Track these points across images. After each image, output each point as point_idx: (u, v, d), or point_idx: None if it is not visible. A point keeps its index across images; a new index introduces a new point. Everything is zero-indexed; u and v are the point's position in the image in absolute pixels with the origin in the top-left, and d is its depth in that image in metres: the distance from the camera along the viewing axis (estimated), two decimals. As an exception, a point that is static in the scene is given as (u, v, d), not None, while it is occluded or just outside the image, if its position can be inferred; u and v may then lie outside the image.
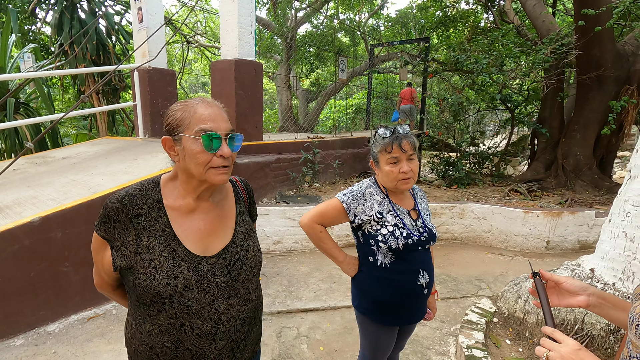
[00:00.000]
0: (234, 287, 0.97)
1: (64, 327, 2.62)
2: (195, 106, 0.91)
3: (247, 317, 1.00)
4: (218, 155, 0.89)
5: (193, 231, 0.95)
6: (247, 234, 1.06)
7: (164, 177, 0.99)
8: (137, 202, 0.91)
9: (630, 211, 2.18)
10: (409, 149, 1.39)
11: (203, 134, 0.87)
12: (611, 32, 5.13)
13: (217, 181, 0.91)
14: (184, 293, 0.89)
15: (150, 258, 0.88)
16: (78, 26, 5.25)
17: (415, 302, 1.47)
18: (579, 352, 0.70)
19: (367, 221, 1.44)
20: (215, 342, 0.94)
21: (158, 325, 0.91)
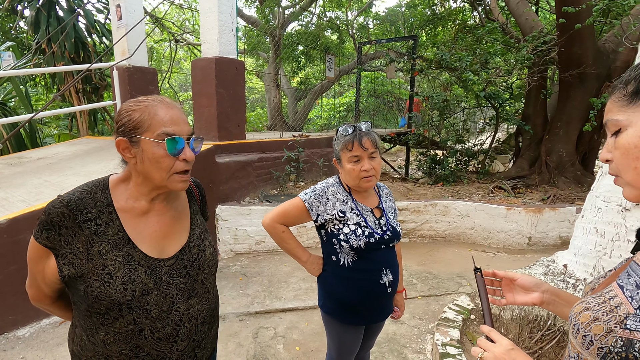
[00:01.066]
0: (193, 287, 0.97)
1: (35, 331, 2.56)
2: (155, 107, 0.87)
3: (207, 315, 1.01)
4: (181, 160, 0.88)
5: (148, 233, 0.92)
6: (203, 233, 1.05)
7: (113, 179, 0.94)
8: (86, 206, 0.86)
9: (601, 207, 2.19)
10: (370, 146, 1.37)
11: (167, 139, 0.84)
12: (592, 29, 5.18)
13: (178, 188, 0.90)
14: (143, 297, 0.87)
15: (104, 264, 0.84)
16: (55, 23, 5.13)
17: (379, 301, 1.46)
18: (511, 352, 0.70)
19: (330, 220, 1.42)
20: (177, 344, 0.93)
21: (114, 333, 0.87)
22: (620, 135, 0.59)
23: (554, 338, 2.14)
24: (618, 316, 0.54)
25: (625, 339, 0.51)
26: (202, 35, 4.45)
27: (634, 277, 0.58)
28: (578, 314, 0.62)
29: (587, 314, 0.60)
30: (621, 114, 0.59)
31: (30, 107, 5.27)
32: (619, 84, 0.61)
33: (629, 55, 5.35)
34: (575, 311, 0.65)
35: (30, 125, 5.31)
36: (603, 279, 0.76)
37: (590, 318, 0.59)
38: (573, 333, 0.63)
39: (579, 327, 0.60)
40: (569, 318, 0.68)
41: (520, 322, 2.33)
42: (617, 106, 0.60)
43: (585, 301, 0.64)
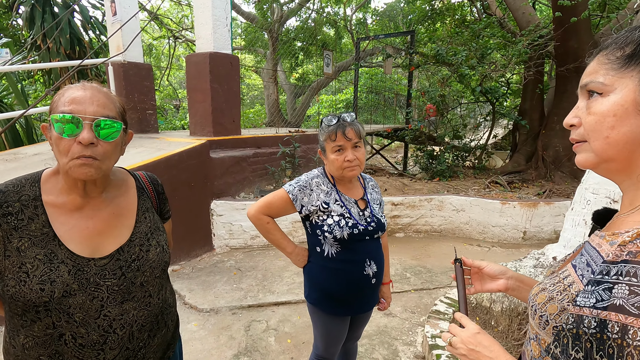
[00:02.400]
0: (129, 291, 0.89)
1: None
2: (68, 89, 0.82)
3: (146, 322, 0.92)
4: (77, 142, 0.79)
5: (79, 230, 0.86)
6: (151, 232, 0.97)
7: (47, 172, 0.89)
8: (7, 199, 0.81)
9: (590, 199, 2.20)
10: (353, 136, 1.37)
11: (52, 116, 0.78)
12: (588, 23, 5.17)
13: (78, 174, 0.80)
14: (63, 299, 0.80)
15: (21, 262, 0.78)
16: (50, 19, 5.12)
17: (363, 291, 1.47)
18: (477, 336, 0.72)
19: (314, 211, 1.42)
20: (104, 352, 0.85)
21: (33, 337, 0.82)
22: (599, 99, 0.54)
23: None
24: (570, 294, 0.55)
25: (575, 315, 0.52)
26: (196, 31, 4.44)
27: (586, 256, 0.59)
28: (535, 295, 0.63)
29: (543, 295, 0.61)
30: (608, 77, 0.54)
31: (26, 103, 5.27)
32: (613, 43, 0.55)
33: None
34: (533, 293, 0.65)
35: (27, 122, 5.31)
36: (562, 262, 0.77)
37: (546, 298, 0.60)
38: (531, 314, 0.63)
39: (536, 307, 0.61)
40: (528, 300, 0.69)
41: (510, 314, 2.34)
42: (605, 68, 0.55)
43: (543, 282, 0.65)
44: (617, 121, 0.52)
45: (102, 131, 0.81)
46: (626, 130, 0.52)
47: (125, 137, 0.93)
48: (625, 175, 0.57)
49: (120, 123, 0.86)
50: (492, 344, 0.70)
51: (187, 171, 3.66)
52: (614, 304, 0.48)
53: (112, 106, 0.85)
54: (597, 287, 0.52)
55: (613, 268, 0.51)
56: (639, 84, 0.51)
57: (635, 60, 0.52)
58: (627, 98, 0.51)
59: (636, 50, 0.52)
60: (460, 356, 0.74)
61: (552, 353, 0.58)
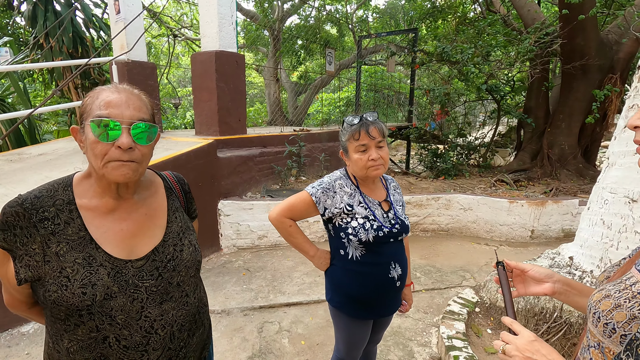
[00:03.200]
0: (167, 291, 0.88)
1: (39, 327, 2.55)
2: (101, 91, 0.81)
3: (185, 321, 0.92)
4: (116, 147, 0.78)
5: (114, 233, 0.85)
6: (182, 232, 0.97)
7: (78, 176, 0.89)
8: (43, 205, 0.81)
9: (607, 198, 2.18)
10: (377, 135, 1.35)
11: (91, 120, 0.77)
12: (595, 20, 5.14)
13: (115, 177, 0.80)
14: (105, 302, 0.80)
15: (62, 266, 0.78)
16: (53, 18, 5.06)
17: (387, 294, 1.44)
18: (534, 344, 0.69)
19: (337, 214, 1.40)
20: (147, 353, 0.85)
21: (77, 340, 0.81)
22: None
23: (560, 330, 2.13)
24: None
25: None
26: (202, 29, 4.40)
27: None
28: (598, 301, 0.61)
29: (608, 302, 0.59)
30: None
31: (29, 103, 5.22)
32: None
33: (633, 47, 5.32)
34: (594, 299, 0.63)
35: (29, 122, 5.27)
36: (618, 267, 0.75)
37: (611, 305, 0.58)
38: (593, 322, 0.61)
39: (600, 315, 0.59)
40: (587, 306, 0.67)
41: (526, 315, 2.33)
42: None
43: (605, 289, 0.63)
44: None
45: (139, 135, 0.81)
46: None
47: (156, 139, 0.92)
48: None
49: (156, 127, 0.86)
50: (550, 352, 0.68)
51: (194, 171, 3.63)
52: None
53: (145, 109, 0.85)
54: None
55: None
56: None
57: None
58: None
59: None
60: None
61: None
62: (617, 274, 0.72)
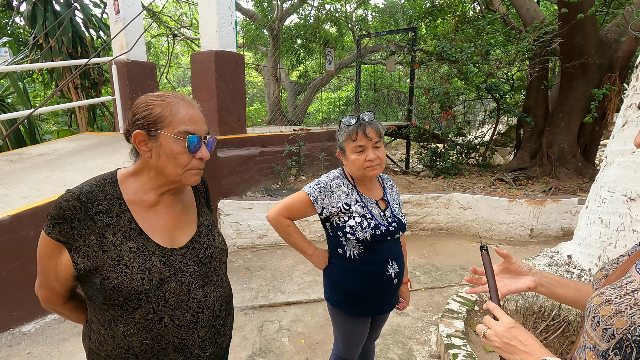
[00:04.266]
0: (207, 275, 0.99)
1: (40, 327, 2.57)
2: (177, 105, 0.89)
3: (223, 302, 1.04)
4: (197, 158, 0.90)
5: (159, 225, 0.94)
6: (210, 224, 1.08)
7: (122, 173, 0.95)
8: (97, 198, 0.87)
9: (606, 197, 2.19)
10: (374, 136, 1.36)
11: (189, 136, 0.87)
12: (594, 19, 5.14)
13: (192, 182, 0.93)
14: (160, 286, 0.89)
15: (119, 255, 0.85)
16: (52, 18, 5.07)
17: (385, 292, 1.46)
18: (512, 330, 0.71)
19: (335, 213, 1.41)
20: (197, 330, 0.95)
21: (134, 323, 0.88)
22: None
23: (558, 328, 2.14)
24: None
25: None
26: (201, 29, 4.41)
27: None
28: (598, 306, 0.61)
29: (608, 307, 0.59)
30: None
31: (28, 103, 5.23)
32: None
33: (632, 45, 5.32)
34: (594, 303, 0.64)
35: (29, 122, 5.28)
36: (616, 265, 0.75)
37: (612, 311, 0.58)
38: (592, 325, 0.62)
39: (599, 319, 0.59)
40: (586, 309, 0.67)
41: (524, 313, 2.34)
42: None
43: (605, 292, 0.63)
44: None
45: (210, 147, 0.96)
46: None
47: None
48: None
49: (215, 137, 1.00)
50: (527, 338, 0.70)
51: (194, 171, 3.64)
52: None
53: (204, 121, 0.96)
54: None
55: None
56: None
57: None
58: None
59: None
60: (495, 349, 0.74)
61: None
62: (616, 273, 0.72)
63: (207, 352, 0.98)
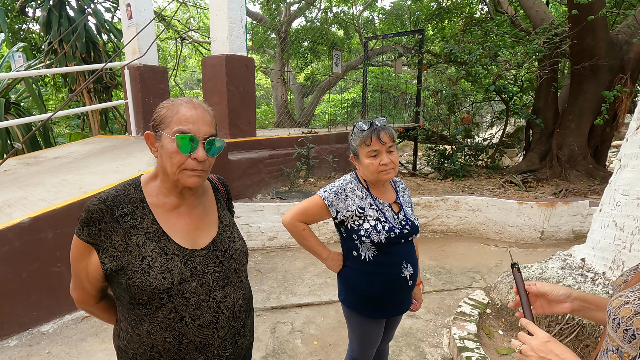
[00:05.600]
0: (227, 276, 1.00)
1: (58, 327, 2.62)
2: (179, 106, 0.91)
3: (243, 303, 1.04)
4: (192, 158, 0.90)
5: (180, 226, 0.97)
6: (231, 226, 1.10)
7: (145, 177, 1.00)
8: (121, 202, 0.92)
9: (620, 200, 2.18)
10: (387, 140, 1.38)
11: (177, 135, 0.88)
12: (604, 20, 5.10)
13: (188, 183, 0.92)
14: (181, 285, 0.91)
15: (142, 255, 0.89)
16: (67, 24, 5.18)
17: (400, 294, 1.48)
18: (548, 344, 0.72)
19: (350, 216, 1.43)
20: (217, 330, 0.96)
21: (157, 322, 0.91)
22: None
23: (572, 332, 2.14)
24: None
25: None
26: (212, 33, 4.47)
27: None
28: (617, 308, 0.63)
29: (627, 308, 0.61)
30: None
31: (43, 107, 5.35)
32: None
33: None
34: (614, 305, 0.65)
35: (44, 125, 5.39)
36: (635, 272, 0.76)
37: (631, 312, 0.59)
38: (613, 327, 0.63)
39: (619, 321, 0.61)
40: (606, 312, 0.69)
41: (538, 317, 2.34)
42: None
43: (624, 295, 0.65)
44: None
45: (211, 148, 0.93)
46: None
47: None
48: None
49: (223, 141, 0.98)
50: (563, 352, 0.70)
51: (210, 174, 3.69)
52: None
53: (214, 124, 0.96)
54: None
55: None
56: None
57: None
58: None
59: None
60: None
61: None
62: (634, 279, 0.73)
63: (227, 352, 0.99)
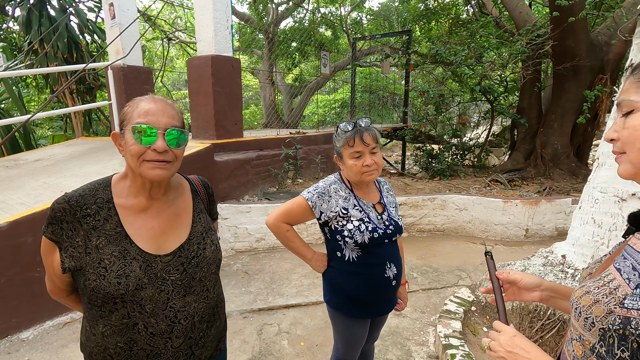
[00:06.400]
0: (190, 285, 0.97)
1: (39, 333, 2.56)
2: (140, 101, 0.92)
3: (205, 314, 1.01)
4: (151, 149, 0.88)
5: (146, 230, 0.94)
6: (205, 232, 1.05)
7: (116, 177, 0.98)
8: (86, 202, 0.91)
9: (598, 198, 2.23)
10: (371, 142, 1.39)
11: (132, 126, 0.88)
12: (585, 22, 5.23)
13: (151, 175, 0.90)
14: (136, 292, 0.88)
15: (100, 258, 0.87)
16: (47, 23, 5.06)
17: (384, 294, 1.48)
18: (514, 339, 0.74)
19: (333, 217, 1.43)
20: (171, 340, 0.94)
21: (111, 325, 0.90)
22: (631, 115, 0.61)
23: (554, 327, 2.18)
24: (617, 297, 0.57)
25: (623, 317, 0.54)
26: (197, 34, 4.43)
27: (630, 259, 0.61)
28: (579, 297, 0.65)
29: (588, 298, 0.62)
30: (638, 95, 0.60)
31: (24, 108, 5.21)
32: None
33: (622, 48, 5.41)
34: (576, 295, 0.67)
35: (25, 127, 5.26)
36: (599, 264, 0.78)
37: (591, 301, 0.61)
38: (575, 316, 0.65)
39: (581, 310, 0.63)
40: (570, 302, 0.71)
41: (520, 312, 2.37)
42: (635, 87, 0.61)
43: (585, 285, 0.67)
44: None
45: (172, 139, 0.91)
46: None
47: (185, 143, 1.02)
48: None
49: (186, 132, 0.96)
50: (529, 346, 0.73)
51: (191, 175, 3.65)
52: None
53: (177, 117, 0.94)
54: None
55: None
56: None
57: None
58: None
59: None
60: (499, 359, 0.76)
61: (597, 352, 0.59)
62: (598, 271, 0.76)
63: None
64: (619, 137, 0.63)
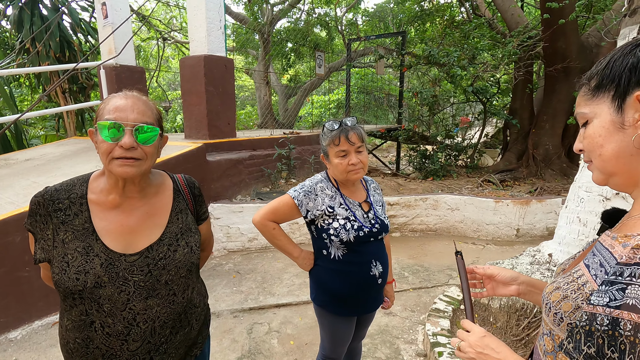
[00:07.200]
0: (154, 287, 0.93)
1: (27, 333, 2.55)
2: (112, 98, 0.91)
3: (169, 319, 0.96)
4: (119, 146, 0.87)
5: (115, 227, 0.93)
6: (181, 233, 1.01)
7: (95, 173, 0.98)
8: (59, 197, 0.92)
9: (583, 197, 2.26)
10: (356, 141, 1.40)
11: (98, 122, 0.87)
12: (575, 24, 5.29)
13: (119, 173, 0.88)
14: (95, 290, 0.87)
15: (65, 252, 0.88)
16: (39, 22, 5.03)
17: (369, 292, 1.49)
18: (484, 339, 0.74)
19: (319, 216, 1.44)
20: (127, 343, 0.90)
21: (71, 320, 0.91)
22: (587, 126, 0.64)
23: (539, 325, 2.21)
24: (584, 293, 0.58)
25: (589, 313, 0.55)
26: (190, 33, 4.43)
27: (598, 256, 0.62)
28: (550, 293, 0.66)
29: (557, 293, 0.64)
30: (587, 107, 0.64)
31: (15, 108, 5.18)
32: (584, 79, 0.66)
33: (611, 49, 5.46)
34: (547, 291, 0.68)
35: (16, 127, 5.22)
36: (572, 260, 0.80)
37: (560, 296, 0.63)
38: (546, 311, 0.67)
39: (551, 305, 0.64)
40: (542, 298, 0.72)
41: (507, 311, 2.40)
42: (584, 100, 0.65)
43: (557, 281, 0.68)
44: (604, 140, 0.61)
45: (141, 136, 0.89)
46: (613, 146, 0.60)
47: (161, 141, 0.99)
48: (632, 186, 0.63)
49: (157, 129, 0.94)
50: (499, 346, 0.73)
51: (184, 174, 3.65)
52: (627, 304, 0.51)
53: (149, 113, 0.93)
54: (611, 287, 0.55)
55: (626, 270, 0.54)
56: (609, 107, 0.60)
57: (601, 90, 0.62)
58: (605, 120, 0.61)
59: (600, 82, 0.62)
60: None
61: (565, 348, 0.61)
62: (570, 267, 0.77)
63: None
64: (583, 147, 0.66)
